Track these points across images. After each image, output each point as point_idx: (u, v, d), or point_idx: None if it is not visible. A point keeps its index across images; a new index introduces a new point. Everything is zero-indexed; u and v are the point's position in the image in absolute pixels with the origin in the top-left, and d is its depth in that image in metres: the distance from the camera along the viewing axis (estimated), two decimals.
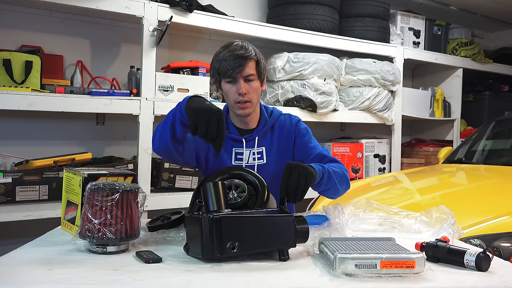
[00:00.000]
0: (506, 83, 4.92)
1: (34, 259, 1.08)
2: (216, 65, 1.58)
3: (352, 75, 3.55)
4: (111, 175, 1.35)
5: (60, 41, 2.84)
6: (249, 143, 1.66)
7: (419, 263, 0.99)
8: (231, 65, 1.54)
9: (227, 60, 1.55)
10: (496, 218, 1.89)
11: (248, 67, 1.56)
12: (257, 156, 1.65)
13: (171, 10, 2.73)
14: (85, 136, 2.93)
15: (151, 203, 2.62)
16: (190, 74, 2.91)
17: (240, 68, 1.54)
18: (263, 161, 1.65)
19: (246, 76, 1.56)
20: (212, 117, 1.28)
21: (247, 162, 1.64)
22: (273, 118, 1.70)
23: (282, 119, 1.71)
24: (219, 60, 1.57)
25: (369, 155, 3.77)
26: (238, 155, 1.65)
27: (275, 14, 3.44)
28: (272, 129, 1.69)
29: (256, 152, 1.65)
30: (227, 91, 1.60)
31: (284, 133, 1.68)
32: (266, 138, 1.67)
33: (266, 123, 1.68)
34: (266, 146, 1.66)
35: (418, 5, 4.48)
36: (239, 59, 1.54)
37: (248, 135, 1.66)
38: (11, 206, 2.28)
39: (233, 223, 1.08)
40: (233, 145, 1.66)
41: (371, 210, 1.60)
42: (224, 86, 1.60)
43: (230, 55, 1.55)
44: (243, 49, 1.57)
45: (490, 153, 3.37)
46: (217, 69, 1.58)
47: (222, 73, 1.57)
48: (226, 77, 1.57)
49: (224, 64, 1.55)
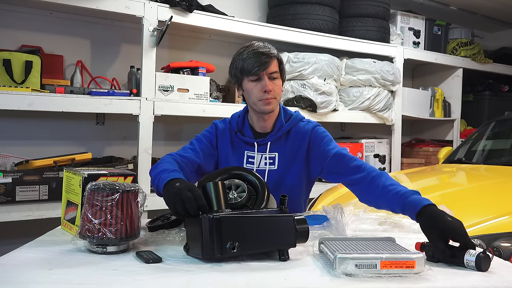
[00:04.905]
0: (506, 83, 4.92)
1: (34, 259, 1.08)
2: (239, 64, 1.57)
3: (352, 75, 3.55)
4: (111, 175, 1.35)
5: (60, 41, 2.84)
6: (261, 147, 1.63)
7: (419, 263, 0.99)
8: (256, 62, 1.53)
9: (251, 58, 1.54)
10: (496, 218, 1.89)
11: (272, 65, 1.56)
12: (268, 161, 1.62)
13: (171, 10, 2.73)
14: (85, 136, 2.93)
15: (151, 203, 2.61)
16: (190, 74, 2.91)
17: (265, 66, 1.54)
18: (274, 167, 1.62)
19: (271, 73, 1.56)
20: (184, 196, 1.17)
21: (258, 167, 1.62)
22: (290, 123, 1.65)
23: (300, 125, 1.66)
24: (243, 59, 1.56)
25: (369, 155, 3.77)
26: (249, 158, 1.63)
27: (275, 14, 3.44)
28: (287, 135, 1.64)
29: (268, 157, 1.63)
30: (250, 89, 1.57)
31: (299, 140, 1.63)
32: (279, 144, 1.63)
33: (281, 128, 1.64)
34: (279, 152, 1.63)
35: (418, 5, 4.48)
36: (263, 57, 1.54)
37: (261, 139, 1.64)
38: (11, 206, 2.28)
39: (233, 223, 1.08)
40: (246, 148, 1.64)
41: (371, 210, 1.60)
42: (248, 85, 1.58)
43: (255, 53, 1.55)
44: (266, 48, 1.57)
45: (490, 153, 3.36)
46: (240, 68, 1.56)
47: (247, 71, 1.55)
48: (251, 75, 1.55)
49: (249, 62, 1.54)
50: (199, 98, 2.84)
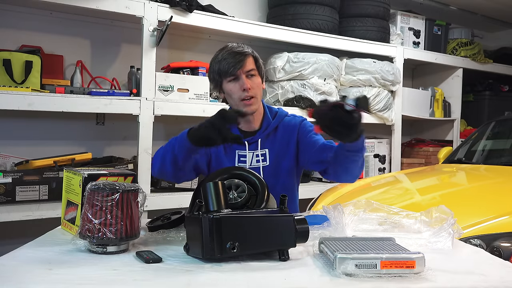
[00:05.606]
0: (506, 83, 4.92)
1: (34, 259, 1.08)
2: (216, 66, 1.59)
3: (352, 75, 3.55)
4: (111, 175, 1.35)
5: (60, 41, 2.84)
6: (252, 145, 1.65)
7: (419, 263, 0.99)
8: (231, 62, 1.55)
9: (226, 59, 1.56)
10: (496, 218, 1.89)
11: (248, 62, 1.58)
12: (260, 158, 1.64)
13: (171, 10, 2.73)
14: (85, 136, 2.93)
15: (151, 203, 2.62)
16: (190, 74, 2.91)
17: (240, 64, 1.56)
18: (266, 163, 1.64)
19: (248, 71, 1.58)
20: (214, 121, 1.34)
21: (250, 165, 1.64)
22: (277, 119, 1.68)
23: (286, 120, 1.70)
24: (218, 61, 1.58)
25: (369, 155, 3.77)
26: (241, 157, 1.65)
27: (275, 14, 3.44)
28: (275, 131, 1.68)
29: (260, 154, 1.65)
30: (230, 91, 1.59)
31: (288, 134, 1.67)
32: (269, 140, 1.66)
33: (269, 125, 1.67)
34: (269, 148, 1.65)
35: (418, 5, 4.48)
36: (238, 56, 1.56)
37: (250, 138, 1.65)
38: (11, 206, 2.28)
39: (233, 223, 1.08)
40: (236, 147, 1.65)
41: (371, 210, 1.60)
42: (227, 86, 1.60)
43: (229, 53, 1.57)
44: (240, 47, 1.60)
45: (490, 153, 3.36)
46: (217, 70, 1.59)
47: (223, 73, 1.57)
48: (228, 76, 1.57)
49: (224, 63, 1.56)
50: (199, 98, 2.85)
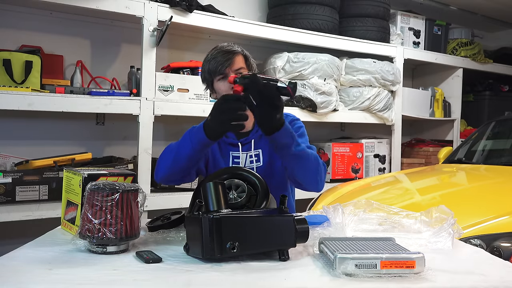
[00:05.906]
0: (506, 83, 4.92)
1: (34, 259, 1.08)
2: (206, 66, 1.60)
3: (352, 75, 3.55)
4: (111, 175, 1.35)
5: (60, 41, 2.84)
6: (245, 146, 1.65)
7: (419, 263, 0.99)
8: (220, 61, 1.57)
9: (215, 57, 1.58)
10: (496, 218, 1.89)
11: (237, 61, 1.59)
12: (254, 159, 1.65)
13: (171, 10, 2.73)
14: (85, 136, 2.93)
15: (151, 203, 2.62)
16: (190, 74, 2.91)
17: (228, 62, 1.56)
18: (260, 164, 1.64)
19: (237, 69, 1.58)
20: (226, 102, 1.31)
21: (244, 166, 1.64)
22: None
23: None
24: (208, 60, 1.60)
25: (369, 155, 3.77)
26: (235, 158, 1.65)
27: (275, 14, 3.44)
28: None
29: (254, 154, 1.65)
30: (219, 89, 1.60)
31: None
32: (262, 140, 1.66)
33: None
34: (262, 148, 1.65)
35: (418, 5, 4.48)
36: (226, 54, 1.57)
37: (244, 138, 1.66)
38: (11, 206, 2.28)
39: (233, 223, 1.08)
40: (230, 149, 1.65)
41: (371, 210, 1.60)
42: (217, 85, 1.60)
43: (218, 52, 1.59)
44: (229, 46, 1.61)
45: (490, 153, 3.36)
46: (207, 70, 1.60)
47: (213, 71, 1.58)
48: (217, 74, 1.58)
49: (213, 62, 1.57)
50: (199, 98, 2.85)
